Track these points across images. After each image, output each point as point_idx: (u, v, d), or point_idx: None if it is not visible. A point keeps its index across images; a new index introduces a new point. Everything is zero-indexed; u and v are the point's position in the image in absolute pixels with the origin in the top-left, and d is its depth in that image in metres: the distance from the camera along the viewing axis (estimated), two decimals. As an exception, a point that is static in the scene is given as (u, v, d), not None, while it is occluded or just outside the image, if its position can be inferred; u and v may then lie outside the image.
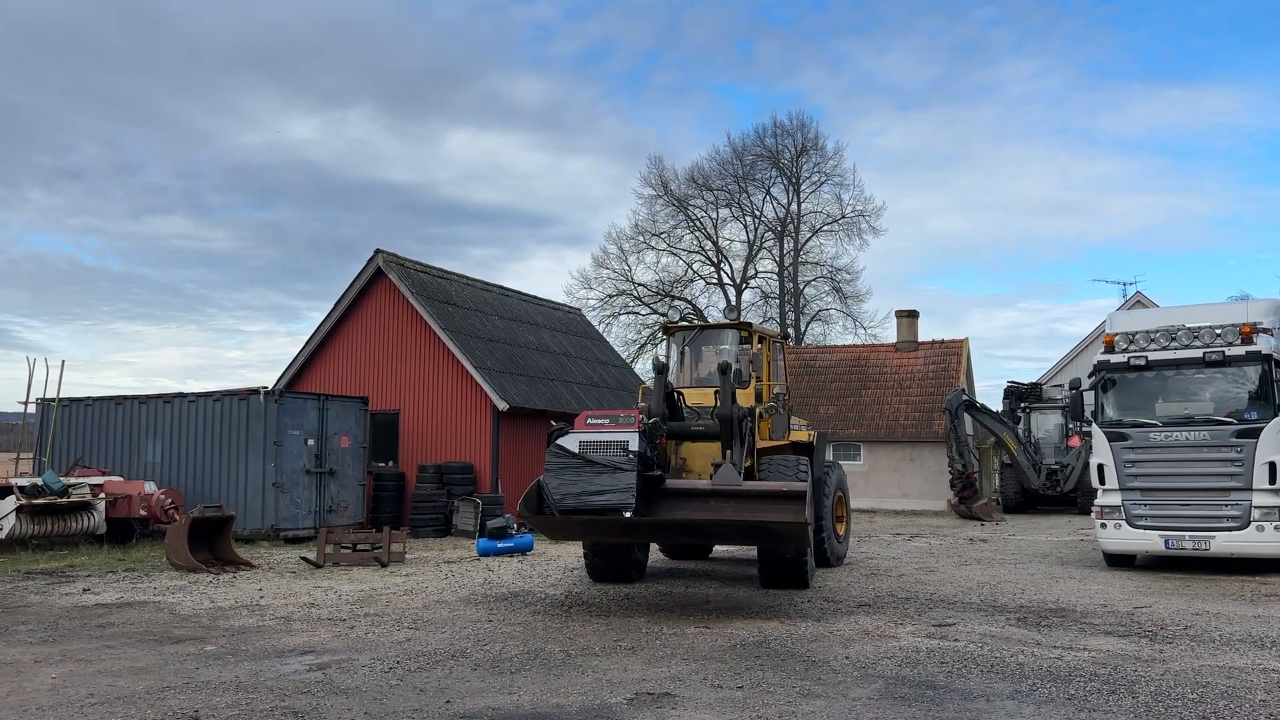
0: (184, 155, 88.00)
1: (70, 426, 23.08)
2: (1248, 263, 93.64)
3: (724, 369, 12.26)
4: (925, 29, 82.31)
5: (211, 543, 16.02)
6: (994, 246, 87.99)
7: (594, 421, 11.23)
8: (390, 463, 24.48)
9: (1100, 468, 14.98)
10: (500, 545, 18.06)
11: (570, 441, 10.93)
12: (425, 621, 10.51)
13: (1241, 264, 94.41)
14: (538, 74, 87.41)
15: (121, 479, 20.09)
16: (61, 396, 22.98)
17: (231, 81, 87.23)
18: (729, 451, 12.06)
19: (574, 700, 7.00)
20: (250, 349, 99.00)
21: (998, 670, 8.01)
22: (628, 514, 10.30)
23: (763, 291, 54.10)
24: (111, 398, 23.02)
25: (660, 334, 15.46)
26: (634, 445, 10.70)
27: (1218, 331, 14.43)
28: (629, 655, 8.68)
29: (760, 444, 13.52)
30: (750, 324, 15.52)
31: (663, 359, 14.23)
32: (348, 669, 8.12)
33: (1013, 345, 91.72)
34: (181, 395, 22.02)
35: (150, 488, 19.50)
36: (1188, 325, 14.74)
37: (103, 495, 18.70)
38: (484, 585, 13.63)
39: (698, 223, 54.25)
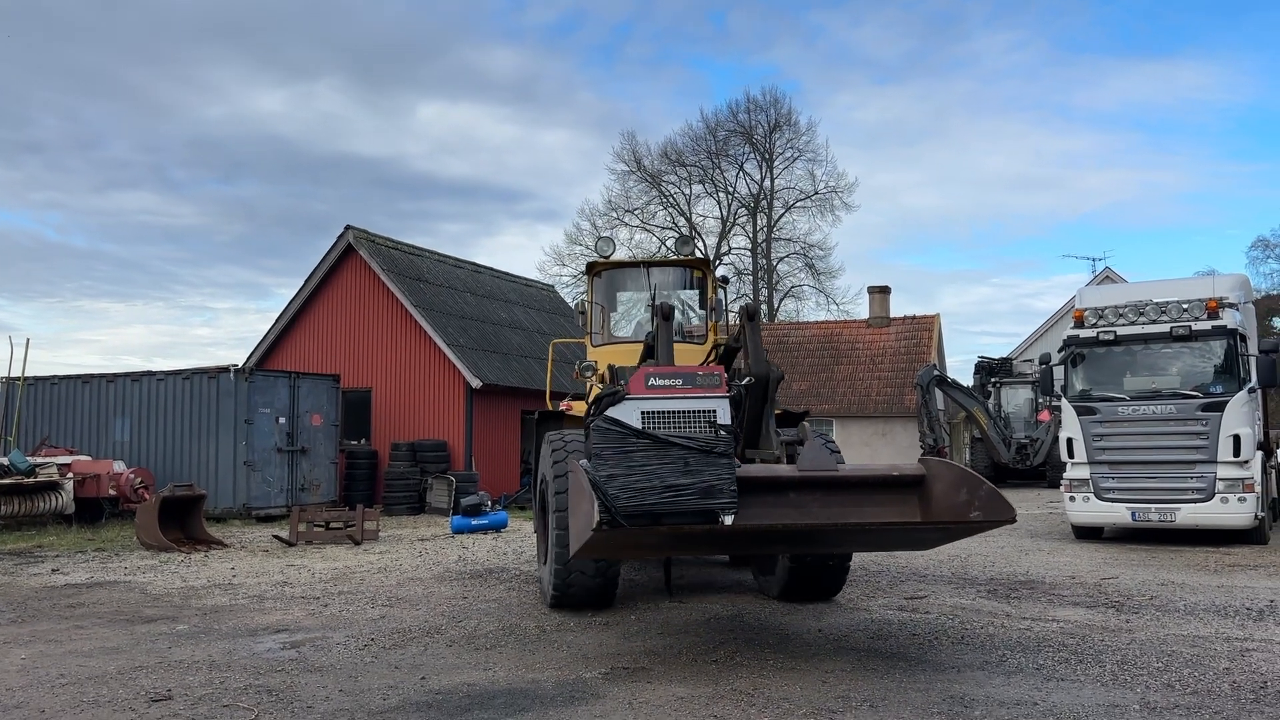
0: (147, 129, 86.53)
1: (36, 405, 22.85)
2: (1216, 238, 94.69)
3: (752, 314, 9.46)
4: (901, 2, 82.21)
5: (182, 522, 15.93)
6: (967, 222, 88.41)
7: (661, 382, 7.86)
8: (363, 441, 24.42)
9: (1069, 441, 15.16)
10: (474, 523, 18.08)
11: (628, 412, 7.58)
12: (399, 599, 10.51)
13: (1210, 239, 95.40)
14: (509, 46, 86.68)
15: (89, 458, 19.94)
16: (27, 375, 22.71)
17: (195, 53, 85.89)
18: (805, 424, 9.69)
19: (550, 675, 7.02)
20: (219, 326, 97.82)
21: (968, 642, 8.11)
22: (729, 519, 7.20)
23: (736, 268, 54.22)
24: (79, 376, 22.81)
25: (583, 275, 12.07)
26: (724, 417, 7.76)
27: (1184, 307, 14.61)
28: (603, 630, 8.71)
29: None
30: (709, 261, 12.63)
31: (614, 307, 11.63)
32: (322, 647, 8.10)
33: (984, 320, 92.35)
34: (150, 373, 21.84)
35: (119, 467, 19.36)
36: (1155, 300, 14.91)
37: (70, 475, 18.55)
38: (458, 562, 13.64)
39: (671, 199, 54.24)
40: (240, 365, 21.47)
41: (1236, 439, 13.87)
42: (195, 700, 6.45)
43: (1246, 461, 13.91)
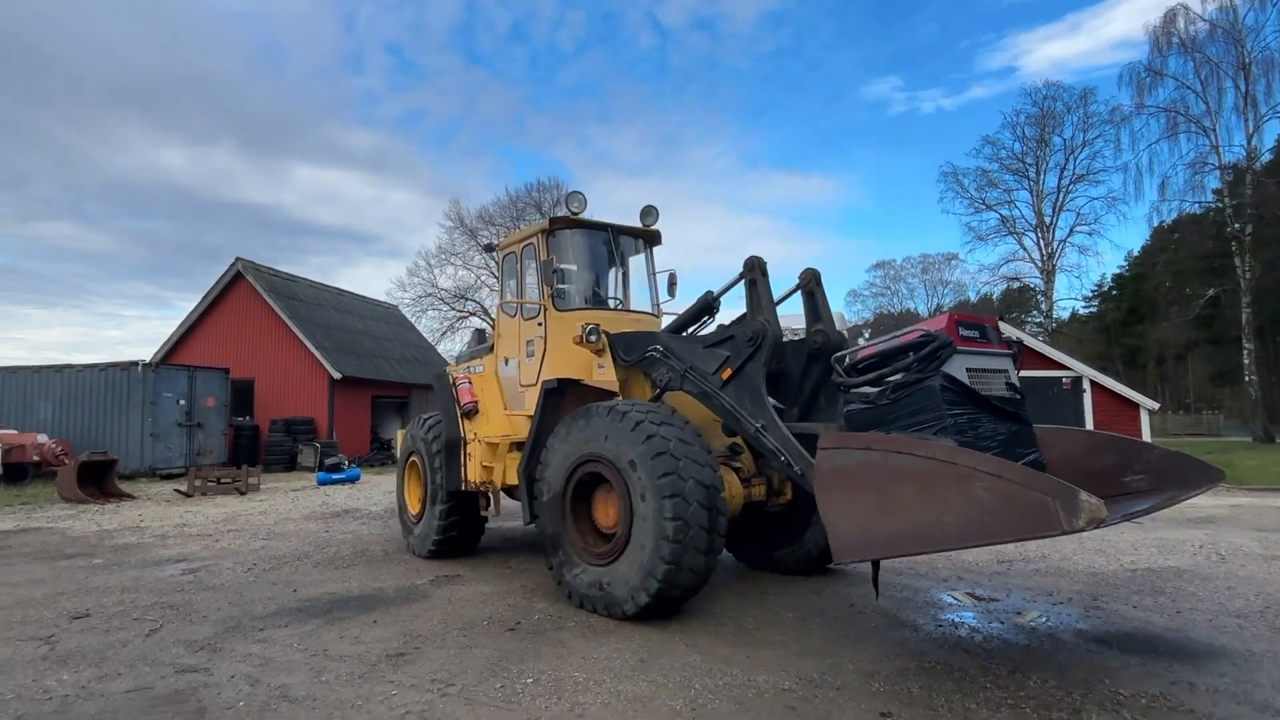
0: (68, 173, 75.69)
1: (-33, 391, 19.67)
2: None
3: (818, 279, 6.39)
4: (643, 123, 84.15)
5: (98, 482, 14.24)
6: (681, 274, 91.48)
7: (969, 333, 4.64)
8: (247, 417, 22.61)
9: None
10: (335, 477, 17.21)
11: (957, 368, 4.46)
12: (276, 534, 9.88)
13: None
14: (367, 129, 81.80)
15: (16, 431, 17.42)
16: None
17: (111, 115, 76.11)
18: None
19: (391, 584, 6.88)
20: (128, 330, 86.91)
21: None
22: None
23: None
24: (7, 368, 19.87)
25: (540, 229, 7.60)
26: (1014, 378, 4.75)
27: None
28: (430, 551, 8.55)
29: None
30: (660, 236, 8.07)
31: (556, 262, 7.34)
32: (214, 571, 7.54)
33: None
34: (70, 366, 19.32)
35: (43, 438, 17.06)
36: (792, 327, 16.25)
37: (1, 445, 16.14)
38: (322, 506, 12.94)
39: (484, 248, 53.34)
40: (147, 361, 19.38)
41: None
42: (110, 616, 5.89)
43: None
